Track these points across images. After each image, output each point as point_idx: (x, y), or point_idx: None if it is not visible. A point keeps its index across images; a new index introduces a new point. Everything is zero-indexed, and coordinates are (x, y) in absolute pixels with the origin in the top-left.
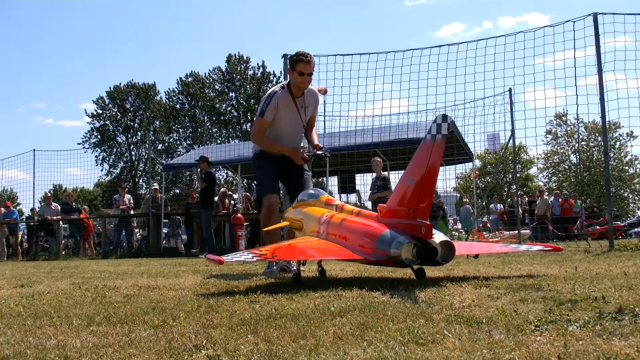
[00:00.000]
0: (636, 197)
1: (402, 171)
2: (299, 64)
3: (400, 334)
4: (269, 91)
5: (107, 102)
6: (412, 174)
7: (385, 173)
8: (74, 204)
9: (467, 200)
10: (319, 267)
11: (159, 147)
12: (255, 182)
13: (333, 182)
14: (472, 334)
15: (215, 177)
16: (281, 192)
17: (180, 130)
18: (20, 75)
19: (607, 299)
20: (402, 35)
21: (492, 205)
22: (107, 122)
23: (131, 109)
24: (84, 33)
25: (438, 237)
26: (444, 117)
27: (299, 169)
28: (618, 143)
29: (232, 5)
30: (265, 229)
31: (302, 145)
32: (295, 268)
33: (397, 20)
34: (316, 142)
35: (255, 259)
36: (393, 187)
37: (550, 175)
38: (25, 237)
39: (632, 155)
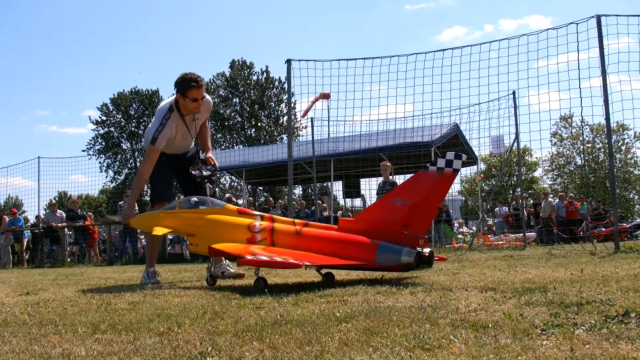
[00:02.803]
0: None
1: (406, 175)
2: (191, 91)
3: (406, 339)
4: (160, 113)
5: (111, 109)
6: (406, 196)
7: (391, 177)
8: (79, 210)
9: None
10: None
11: None
12: (149, 185)
13: (338, 186)
14: (479, 339)
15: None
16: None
17: None
18: (24, 83)
19: (613, 301)
20: (404, 40)
21: (497, 208)
22: (112, 128)
23: (135, 115)
24: (87, 40)
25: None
26: (458, 155)
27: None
28: (624, 146)
29: (235, 11)
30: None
31: (193, 152)
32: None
33: (398, 25)
34: (209, 155)
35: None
36: None
37: (555, 177)
38: (31, 244)
39: (636, 157)
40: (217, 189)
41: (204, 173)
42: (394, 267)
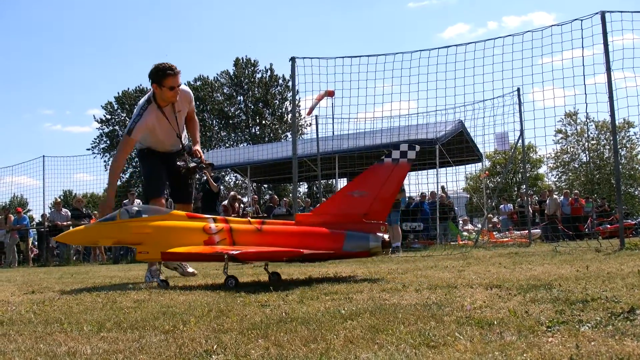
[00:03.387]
0: None
1: (410, 172)
2: (167, 79)
3: (412, 336)
4: (139, 106)
5: (115, 108)
6: (365, 187)
7: None
8: (83, 209)
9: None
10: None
11: None
12: (143, 181)
13: (342, 184)
14: (484, 336)
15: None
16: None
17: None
18: (27, 81)
19: (618, 298)
20: (407, 37)
21: (502, 205)
22: (116, 127)
23: None
24: (91, 38)
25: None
26: (412, 146)
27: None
28: (629, 143)
29: (238, 9)
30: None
31: (185, 145)
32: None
33: (401, 22)
34: (196, 147)
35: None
36: (407, 189)
37: (560, 175)
38: (36, 243)
39: None
40: (221, 187)
41: (190, 165)
42: (362, 253)
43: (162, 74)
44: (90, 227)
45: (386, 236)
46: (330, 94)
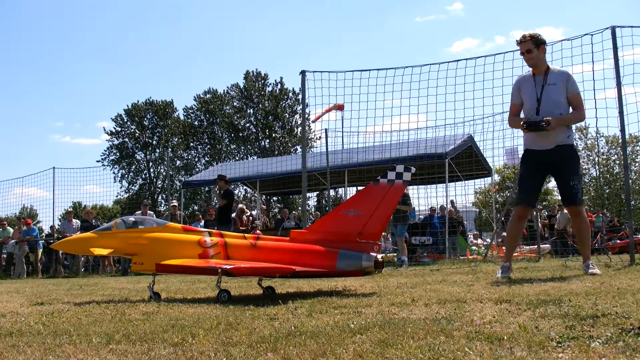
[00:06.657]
0: None
1: (420, 186)
2: (519, 46)
3: (421, 351)
4: None
5: (125, 120)
6: (360, 207)
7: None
8: (93, 221)
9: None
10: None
11: (178, 164)
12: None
13: None
14: (494, 351)
15: (233, 195)
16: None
17: (199, 147)
18: (37, 93)
19: (629, 314)
20: (415, 52)
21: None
22: (126, 139)
23: (149, 126)
24: (101, 51)
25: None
26: (407, 168)
27: (567, 170)
28: (639, 157)
29: (249, 22)
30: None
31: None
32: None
33: (408, 37)
34: (548, 118)
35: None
36: (416, 203)
37: None
38: (45, 254)
39: None
40: (236, 197)
41: (536, 120)
42: (354, 272)
43: (517, 43)
44: (87, 236)
45: (379, 256)
46: (340, 107)
